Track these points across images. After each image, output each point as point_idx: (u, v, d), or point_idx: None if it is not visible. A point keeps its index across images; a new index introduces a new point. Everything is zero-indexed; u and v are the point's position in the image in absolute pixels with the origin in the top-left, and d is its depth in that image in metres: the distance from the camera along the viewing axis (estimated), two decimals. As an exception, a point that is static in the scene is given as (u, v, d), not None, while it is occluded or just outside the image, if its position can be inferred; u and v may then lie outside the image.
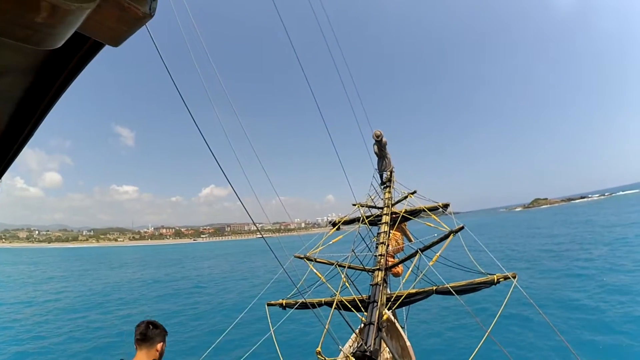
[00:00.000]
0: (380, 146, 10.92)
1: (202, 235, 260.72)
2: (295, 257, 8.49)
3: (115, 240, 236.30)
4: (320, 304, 7.57)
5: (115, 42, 0.82)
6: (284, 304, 8.12)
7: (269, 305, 8.19)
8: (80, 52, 1.28)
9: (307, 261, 8.51)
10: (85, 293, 34.13)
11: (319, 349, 5.89)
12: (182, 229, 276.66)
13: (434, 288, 6.87)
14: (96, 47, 1.27)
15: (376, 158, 11.29)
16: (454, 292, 6.55)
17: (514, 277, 6.41)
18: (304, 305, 7.78)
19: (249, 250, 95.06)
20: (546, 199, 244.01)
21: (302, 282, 7.61)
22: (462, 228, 7.59)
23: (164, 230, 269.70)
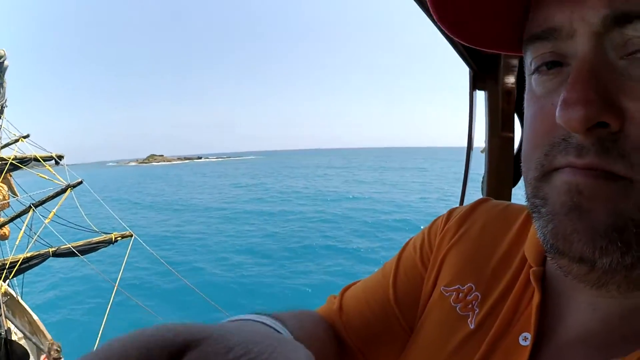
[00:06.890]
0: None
1: None
2: None
3: None
4: None
5: None
6: None
7: None
8: None
9: None
10: None
11: None
12: None
13: (51, 250, 6.56)
14: None
15: None
16: (77, 253, 6.46)
17: (131, 236, 7.12)
18: None
19: None
20: (162, 155, 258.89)
21: None
22: (80, 182, 7.34)
23: None
